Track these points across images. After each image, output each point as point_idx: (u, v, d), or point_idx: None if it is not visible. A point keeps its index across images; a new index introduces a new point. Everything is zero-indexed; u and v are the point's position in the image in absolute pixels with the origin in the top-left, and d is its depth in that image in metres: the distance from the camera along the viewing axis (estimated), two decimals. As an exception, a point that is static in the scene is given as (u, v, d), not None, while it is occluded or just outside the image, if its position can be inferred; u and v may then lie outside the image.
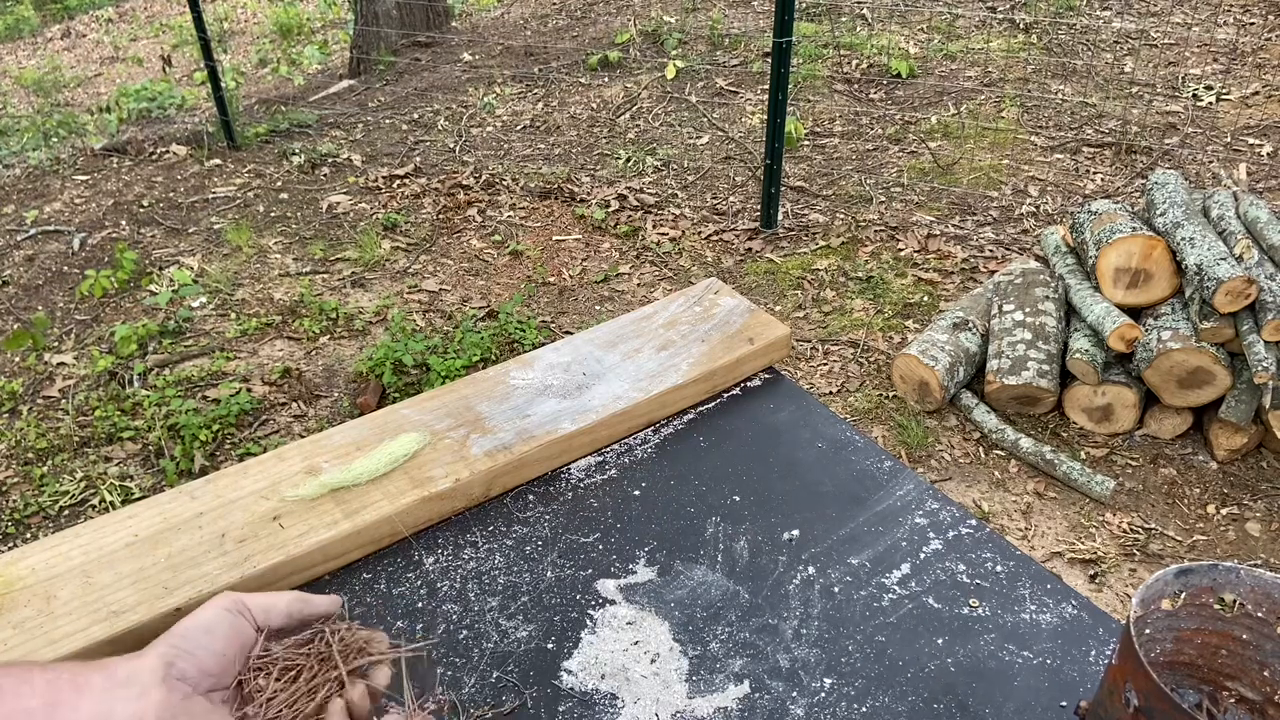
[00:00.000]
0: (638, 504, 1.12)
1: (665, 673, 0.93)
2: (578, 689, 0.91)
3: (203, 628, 0.72)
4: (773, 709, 0.90)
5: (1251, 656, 0.85)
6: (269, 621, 0.75)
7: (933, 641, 0.96)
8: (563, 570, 1.04)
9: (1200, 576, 0.84)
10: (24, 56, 6.36)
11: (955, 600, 1.00)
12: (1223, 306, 2.80)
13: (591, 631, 0.97)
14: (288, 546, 1.00)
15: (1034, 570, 1.04)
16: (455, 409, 1.20)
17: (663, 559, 1.05)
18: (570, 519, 1.10)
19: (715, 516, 1.10)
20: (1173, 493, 2.88)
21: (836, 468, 1.17)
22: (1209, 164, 4.54)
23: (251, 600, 0.75)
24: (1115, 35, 5.98)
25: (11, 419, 3.25)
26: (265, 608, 0.75)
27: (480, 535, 1.08)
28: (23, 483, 2.99)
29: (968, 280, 3.84)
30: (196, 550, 1.01)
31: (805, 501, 1.12)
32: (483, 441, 1.14)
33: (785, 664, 0.94)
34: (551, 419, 1.18)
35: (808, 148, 4.92)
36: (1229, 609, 0.84)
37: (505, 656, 0.95)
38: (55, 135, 5.22)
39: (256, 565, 0.98)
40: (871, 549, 1.06)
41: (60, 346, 3.63)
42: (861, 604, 1.00)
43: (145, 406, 3.23)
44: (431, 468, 1.10)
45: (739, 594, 1.01)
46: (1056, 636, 0.97)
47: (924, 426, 3.12)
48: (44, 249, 4.26)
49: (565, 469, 1.17)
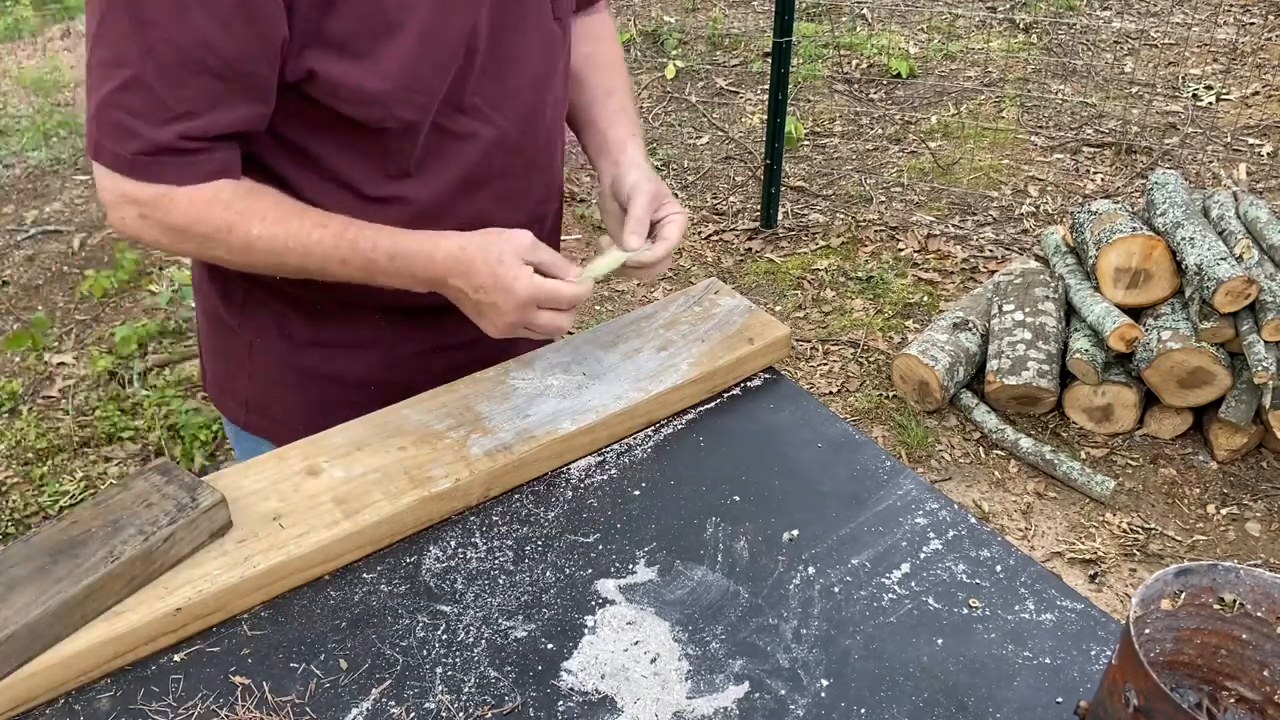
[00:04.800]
0: (638, 504, 1.12)
1: (665, 673, 0.93)
2: (578, 689, 0.92)
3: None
4: (773, 709, 0.90)
5: (1251, 656, 0.85)
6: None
7: (933, 641, 0.96)
8: (562, 570, 1.04)
9: (1200, 576, 0.84)
10: (24, 56, 6.36)
11: (955, 600, 1.01)
12: (1223, 306, 2.80)
13: (591, 631, 0.97)
14: (288, 546, 1.01)
15: (1034, 570, 1.04)
16: (455, 409, 1.20)
17: (663, 559, 1.05)
18: (570, 519, 1.10)
19: (715, 516, 1.10)
20: (1173, 493, 2.88)
21: (836, 468, 1.17)
22: (1209, 164, 4.54)
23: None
24: (1115, 35, 5.98)
25: (11, 419, 3.25)
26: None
27: (480, 535, 1.08)
28: (23, 483, 2.99)
29: (968, 280, 3.84)
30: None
31: (805, 501, 1.12)
32: (483, 441, 1.14)
33: (785, 664, 0.94)
34: (551, 419, 1.18)
35: (808, 148, 4.92)
36: (1229, 609, 0.84)
37: (505, 656, 0.95)
38: (55, 135, 5.22)
39: (256, 565, 0.98)
40: (871, 549, 1.06)
41: (60, 346, 3.63)
42: (861, 604, 1.00)
43: (145, 406, 3.23)
44: (431, 468, 1.11)
45: (739, 594, 1.01)
46: (1056, 636, 0.97)
47: (924, 426, 3.12)
48: (44, 249, 4.27)
49: (565, 469, 1.17)
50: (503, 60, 1.15)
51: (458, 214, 1.19)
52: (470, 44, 1.09)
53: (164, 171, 1.02)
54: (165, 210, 1.04)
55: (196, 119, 1.00)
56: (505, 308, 1.09)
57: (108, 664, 0.93)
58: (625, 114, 1.33)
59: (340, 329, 1.27)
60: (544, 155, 1.27)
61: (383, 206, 1.14)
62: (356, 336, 1.28)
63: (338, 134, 1.09)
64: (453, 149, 1.16)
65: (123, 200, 1.04)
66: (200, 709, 0.89)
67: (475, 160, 1.18)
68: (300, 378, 1.30)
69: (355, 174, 1.13)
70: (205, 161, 1.04)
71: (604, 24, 1.41)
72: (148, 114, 0.99)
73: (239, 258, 1.09)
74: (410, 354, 1.31)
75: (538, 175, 1.27)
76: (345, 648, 0.95)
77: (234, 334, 1.30)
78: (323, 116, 1.07)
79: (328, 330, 1.27)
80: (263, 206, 1.07)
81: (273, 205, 1.08)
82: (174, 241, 1.08)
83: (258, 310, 1.27)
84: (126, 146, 1.01)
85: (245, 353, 1.31)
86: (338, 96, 1.05)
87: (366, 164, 1.13)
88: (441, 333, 1.29)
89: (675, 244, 1.20)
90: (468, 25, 1.08)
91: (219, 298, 1.30)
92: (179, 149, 1.01)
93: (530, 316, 1.10)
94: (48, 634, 0.89)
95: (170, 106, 0.99)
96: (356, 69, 1.03)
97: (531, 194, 1.28)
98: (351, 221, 1.09)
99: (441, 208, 1.18)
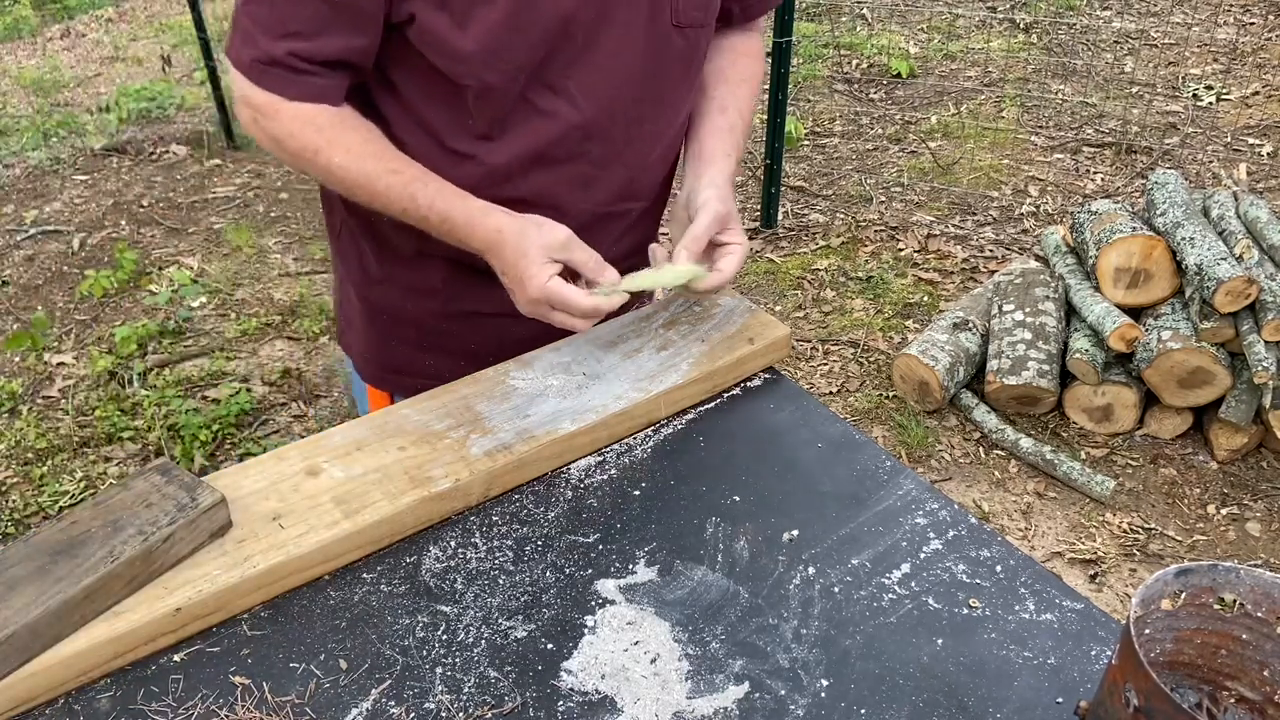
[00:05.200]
0: (638, 504, 1.12)
1: (665, 673, 0.93)
2: (578, 689, 0.91)
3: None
4: (773, 709, 0.90)
5: (1251, 656, 0.85)
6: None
7: (933, 641, 0.96)
8: (562, 570, 1.04)
9: (1200, 576, 0.84)
10: (24, 56, 6.36)
11: (955, 600, 1.01)
12: (1223, 306, 2.80)
13: (591, 631, 0.97)
14: (288, 546, 1.00)
15: (1034, 570, 1.04)
16: (455, 409, 1.20)
17: (663, 559, 1.05)
18: (570, 519, 1.10)
19: (715, 516, 1.10)
20: (1173, 493, 2.88)
21: (836, 468, 1.17)
22: (1209, 164, 4.54)
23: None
24: (1115, 35, 5.98)
25: (11, 419, 3.25)
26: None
27: (480, 535, 1.08)
28: (22, 483, 2.99)
29: (968, 280, 3.84)
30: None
31: (805, 501, 1.12)
32: (483, 441, 1.14)
33: (785, 664, 0.94)
34: (551, 419, 1.18)
35: (808, 148, 4.92)
36: (1229, 609, 0.84)
37: (505, 656, 0.95)
38: (55, 135, 5.22)
39: (256, 565, 0.98)
40: (871, 549, 1.06)
41: (60, 346, 3.63)
42: (861, 604, 1.00)
43: (145, 406, 3.23)
44: (431, 468, 1.10)
45: (739, 594, 1.01)
46: (1056, 636, 0.97)
47: (924, 426, 3.12)
48: (44, 249, 4.27)
49: (565, 469, 1.17)
50: (600, 52, 1.18)
51: (528, 185, 1.24)
52: (566, 29, 1.15)
53: (272, 81, 1.14)
54: (270, 118, 1.16)
55: (305, 40, 1.12)
56: (520, 298, 1.17)
57: (108, 664, 0.93)
58: (731, 133, 1.34)
59: (408, 272, 1.36)
60: (628, 151, 1.29)
61: (459, 160, 1.22)
62: (421, 282, 1.37)
63: (430, 83, 1.17)
64: (533, 123, 1.21)
65: (243, 100, 1.18)
66: (200, 709, 0.89)
67: (552, 138, 1.22)
68: (368, 309, 1.43)
69: (439, 123, 1.21)
70: (309, 82, 1.14)
71: (751, 41, 1.43)
72: (266, 26, 1.12)
73: (323, 179, 1.21)
74: (466, 311, 1.38)
75: (619, 169, 1.30)
76: (345, 648, 0.95)
77: (336, 256, 1.46)
78: (419, 63, 1.16)
79: (398, 271, 1.37)
80: (349, 140, 1.17)
81: (359, 142, 1.17)
82: (274, 150, 1.19)
83: (348, 240, 1.40)
84: (247, 52, 1.14)
85: (339, 276, 1.48)
86: (429, 46, 1.13)
87: (450, 117, 1.20)
88: (497, 300, 1.30)
89: (729, 278, 1.22)
90: (563, 11, 1.13)
91: (326, 223, 1.44)
92: (289, 65, 1.13)
93: (543, 312, 1.16)
94: (48, 634, 0.89)
95: (284, 23, 1.11)
96: (450, 24, 1.10)
97: (607, 186, 1.30)
98: (420, 175, 1.17)
99: (511, 176, 1.23)
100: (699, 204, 1.23)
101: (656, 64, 1.24)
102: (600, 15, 1.16)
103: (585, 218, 1.30)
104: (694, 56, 1.29)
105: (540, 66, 1.16)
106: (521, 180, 1.24)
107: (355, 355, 1.50)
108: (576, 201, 1.27)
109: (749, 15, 1.40)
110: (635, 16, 1.19)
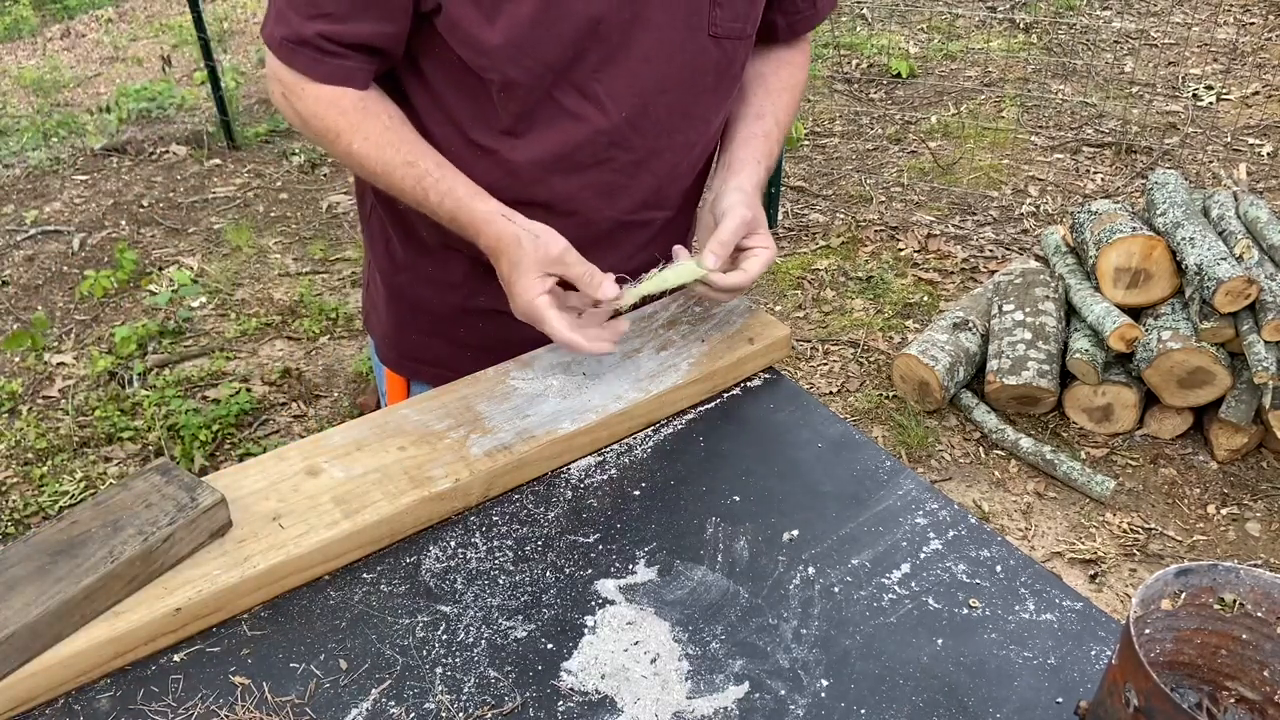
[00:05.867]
0: (638, 504, 1.12)
1: (665, 673, 0.93)
2: (577, 689, 0.91)
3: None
4: (773, 709, 0.90)
5: (1251, 656, 0.85)
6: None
7: (933, 641, 0.96)
8: (562, 570, 1.04)
9: (1200, 576, 0.84)
10: (24, 56, 6.35)
11: (955, 600, 1.01)
12: (1223, 306, 2.80)
13: (591, 631, 0.97)
14: (288, 546, 1.00)
15: (1034, 570, 1.04)
16: (455, 409, 1.20)
17: (663, 559, 1.05)
18: (570, 519, 1.10)
19: (715, 516, 1.10)
20: (1173, 493, 2.88)
21: (836, 468, 1.17)
22: (1209, 164, 4.54)
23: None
24: (1115, 35, 5.98)
25: (11, 419, 3.25)
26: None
27: (480, 535, 1.08)
28: (22, 483, 2.99)
29: (968, 280, 3.84)
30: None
31: (805, 501, 1.12)
32: (483, 441, 1.14)
33: (785, 664, 0.94)
34: (551, 419, 1.18)
35: (808, 148, 4.92)
36: (1229, 609, 0.84)
37: (505, 656, 0.95)
38: (55, 135, 5.21)
39: (256, 565, 0.98)
40: (871, 549, 1.06)
41: (60, 346, 3.63)
42: (861, 604, 1.00)
43: (145, 406, 3.23)
44: (431, 467, 1.10)
45: (739, 594, 1.01)
46: (1056, 636, 0.97)
47: (924, 426, 3.12)
48: (44, 249, 4.27)
49: (565, 469, 1.17)
50: (631, 57, 1.17)
51: (548, 189, 1.24)
52: (596, 30, 1.14)
53: (301, 61, 1.15)
54: (297, 96, 1.18)
55: (335, 23, 1.13)
56: (513, 308, 1.18)
57: (108, 664, 0.92)
58: (764, 140, 1.32)
59: (431, 264, 1.38)
60: (655, 160, 1.27)
61: (482, 155, 1.23)
62: (443, 275, 1.38)
63: (456, 74, 1.18)
64: (559, 124, 1.20)
65: (274, 77, 1.20)
66: (200, 709, 0.89)
67: (578, 142, 1.21)
68: (390, 294, 1.45)
69: (464, 116, 1.21)
70: (336, 64, 1.15)
71: (797, 52, 1.41)
72: (298, 6, 1.13)
73: (344, 162, 1.22)
74: (485, 307, 1.38)
75: (646, 178, 1.28)
76: (345, 648, 0.95)
77: (366, 240, 1.47)
78: (447, 54, 1.16)
79: (421, 261, 1.38)
80: (370, 126, 1.17)
81: (380, 129, 1.18)
82: (301, 128, 1.21)
83: (376, 225, 1.42)
84: (279, 30, 1.15)
85: (367, 259, 1.49)
86: (456, 37, 1.13)
87: (474, 110, 1.20)
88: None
89: (753, 278, 1.21)
90: (593, 12, 1.12)
91: (358, 206, 1.46)
92: (317, 45, 1.14)
93: (533, 322, 1.16)
94: (48, 634, 0.89)
95: (316, 4, 1.12)
96: (478, 17, 1.11)
97: (632, 195, 1.29)
98: (434, 170, 1.18)
99: (535, 176, 1.23)
100: (724, 208, 1.21)
101: (690, 73, 1.22)
102: (633, 19, 1.14)
103: (608, 225, 1.29)
104: (730, 68, 1.26)
105: (568, 67, 1.15)
106: (545, 183, 1.23)
107: (378, 338, 1.52)
108: (599, 209, 1.26)
109: (795, 32, 1.37)
110: (670, 23, 1.17)
